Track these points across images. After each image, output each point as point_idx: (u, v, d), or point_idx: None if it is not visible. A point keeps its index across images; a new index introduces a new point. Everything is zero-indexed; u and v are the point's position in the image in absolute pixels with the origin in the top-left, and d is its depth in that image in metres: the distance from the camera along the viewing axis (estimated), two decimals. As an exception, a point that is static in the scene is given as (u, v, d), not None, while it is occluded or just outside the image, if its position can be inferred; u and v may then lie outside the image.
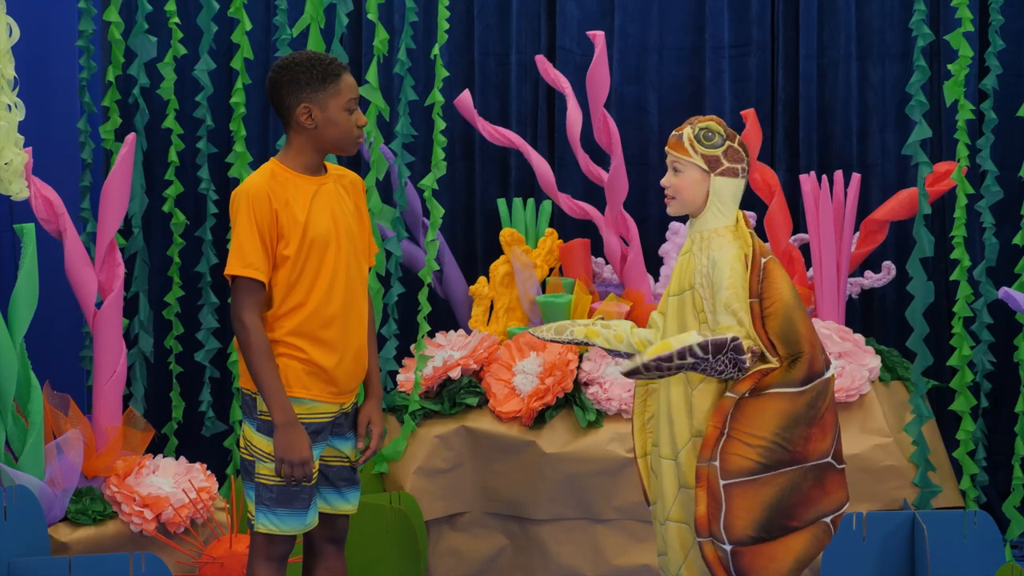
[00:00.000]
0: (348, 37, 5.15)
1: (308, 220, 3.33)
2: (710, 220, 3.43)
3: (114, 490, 4.09)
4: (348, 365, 3.39)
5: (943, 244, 4.85)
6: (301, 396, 3.33)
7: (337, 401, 3.40)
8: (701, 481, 3.29)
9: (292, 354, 3.34)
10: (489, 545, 4.49)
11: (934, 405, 4.83)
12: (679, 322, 3.42)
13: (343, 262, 3.37)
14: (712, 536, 3.28)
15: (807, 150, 5.22)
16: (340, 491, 3.48)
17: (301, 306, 3.34)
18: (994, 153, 4.54)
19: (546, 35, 5.33)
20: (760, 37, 5.27)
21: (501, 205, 4.99)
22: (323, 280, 3.35)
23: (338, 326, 3.37)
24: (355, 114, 3.39)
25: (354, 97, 3.38)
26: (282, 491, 3.34)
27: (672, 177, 3.47)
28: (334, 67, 3.37)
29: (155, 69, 4.80)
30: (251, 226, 3.30)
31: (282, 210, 3.31)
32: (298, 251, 3.32)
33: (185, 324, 4.92)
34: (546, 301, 4.63)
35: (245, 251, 3.29)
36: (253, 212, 3.30)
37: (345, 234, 3.39)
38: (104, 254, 4.22)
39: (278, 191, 3.32)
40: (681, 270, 3.45)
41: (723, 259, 3.34)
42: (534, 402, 4.37)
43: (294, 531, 3.37)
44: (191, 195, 5.03)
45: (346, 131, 3.38)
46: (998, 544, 4.14)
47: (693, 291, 3.39)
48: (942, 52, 5.04)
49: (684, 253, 3.46)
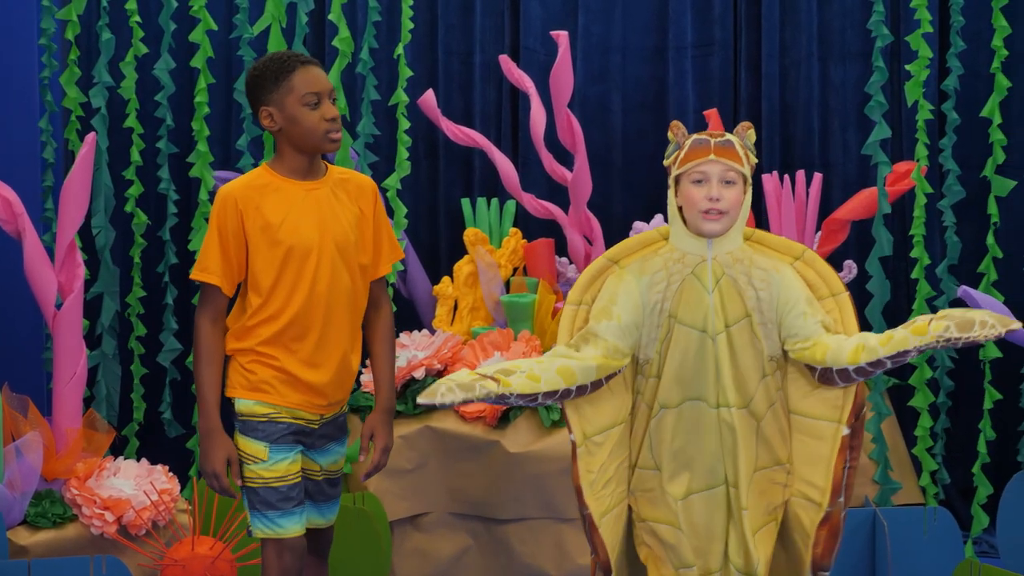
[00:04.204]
0: (311, 36, 5.14)
1: (283, 227, 3.21)
2: (736, 237, 3.11)
3: (74, 492, 4.06)
4: (331, 377, 3.28)
5: (904, 243, 4.88)
6: (277, 403, 3.25)
7: (320, 412, 3.31)
8: (826, 524, 3.07)
9: (266, 362, 3.24)
10: (453, 545, 4.49)
11: (894, 403, 4.86)
12: (742, 357, 3.07)
13: (326, 272, 3.23)
14: (820, 569, 3.10)
15: (769, 150, 5.25)
16: (317, 505, 3.38)
17: (276, 317, 3.23)
18: (955, 153, 4.57)
19: (510, 35, 5.34)
20: (723, 37, 5.29)
21: (465, 205, 4.99)
22: (301, 291, 3.23)
23: (314, 338, 3.25)
24: (321, 108, 3.22)
25: (314, 91, 3.21)
26: (268, 491, 3.24)
27: (725, 189, 3.05)
28: (288, 63, 3.23)
29: (117, 68, 4.77)
30: (214, 230, 3.23)
31: (251, 215, 3.21)
32: (269, 259, 3.21)
33: (147, 325, 4.89)
34: (510, 301, 4.63)
35: (205, 254, 3.23)
36: (217, 216, 3.23)
37: (333, 243, 3.24)
38: (64, 255, 4.20)
39: (251, 196, 3.22)
40: (723, 302, 3.06)
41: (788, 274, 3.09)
42: (498, 402, 4.37)
43: (292, 532, 3.25)
44: (152, 195, 5.01)
45: (310, 128, 3.22)
46: (957, 540, 4.17)
47: (750, 319, 3.07)
48: (902, 53, 5.07)
49: (716, 283, 3.08)
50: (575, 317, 3.18)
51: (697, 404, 3.09)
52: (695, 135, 3.11)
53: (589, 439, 3.16)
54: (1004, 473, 4.72)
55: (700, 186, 3.05)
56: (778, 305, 3.07)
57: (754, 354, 3.08)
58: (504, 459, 4.37)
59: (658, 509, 3.16)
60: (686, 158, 3.08)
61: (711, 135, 3.08)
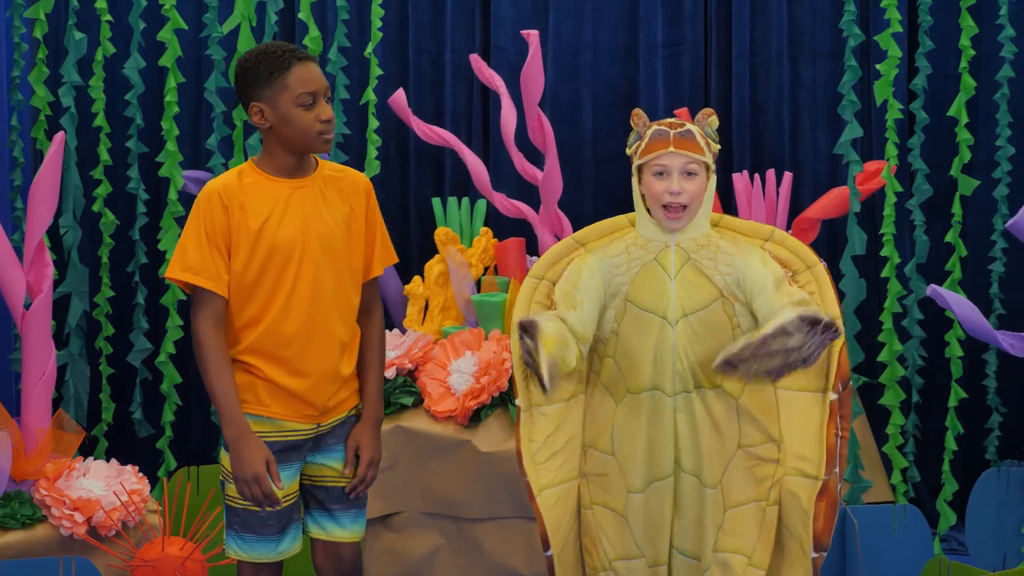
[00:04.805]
0: (280, 35, 5.12)
1: (264, 227, 3.06)
2: (703, 224, 3.10)
3: (44, 493, 4.04)
4: (319, 385, 3.12)
5: (873, 241, 4.90)
6: (261, 414, 3.11)
7: (312, 421, 3.16)
8: (824, 494, 3.01)
9: (249, 370, 3.10)
10: (425, 545, 4.48)
11: (865, 401, 4.88)
12: (710, 341, 3.05)
13: (308, 275, 3.09)
14: (821, 549, 3.05)
15: (740, 149, 5.27)
16: (332, 514, 3.23)
17: (255, 323, 3.09)
18: (924, 152, 4.59)
19: (480, 34, 5.34)
20: (693, 36, 5.30)
21: (436, 204, 4.98)
22: (280, 295, 3.07)
23: (299, 345, 3.10)
24: (315, 108, 3.07)
25: (309, 90, 3.06)
26: (248, 515, 3.12)
27: (686, 182, 3.04)
28: (283, 59, 3.06)
29: (85, 67, 4.75)
30: (198, 228, 3.06)
31: (235, 213, 3.05)
32: (249, 260, 3.06)
33: (115, 325, 4.87)
34: (481, 300, 4.63)
35: (187, 253, 3.06)
36: (202, 213, 3.06)
37: (318, 244, 3.10)
38: (33, 254, 4.17)
39: (235, 193, 3.07)
40: (687, 288, 3.06)
41: (754, 259, 3.07)
42: (469, 401, 4.37)
43: (265, 559, 3.14)
44: (122, 195, 4.99)
45: (303, 129, 3.07)
46: (927, 538, 4.19)
47: (723, 300, 3.06)
48: (872, 52, 5.10)
49: (679, 270, 3.06)
50: (535, 291, 3.20)
51: (655, 394, 3.09)
52: (656, 125, 3.11)
53: (535, 407, 3.17)
54: (973, 471, 4.75)
55: (661, 179, 3.06)
56: (745, 290, 3.07)
57: (728, 334, 3.06)
58: (475, 458, 4.37)
59: (609, 495, 3.16)
60: (647, 149, 3.09)
61: (671, 125, 3.08)
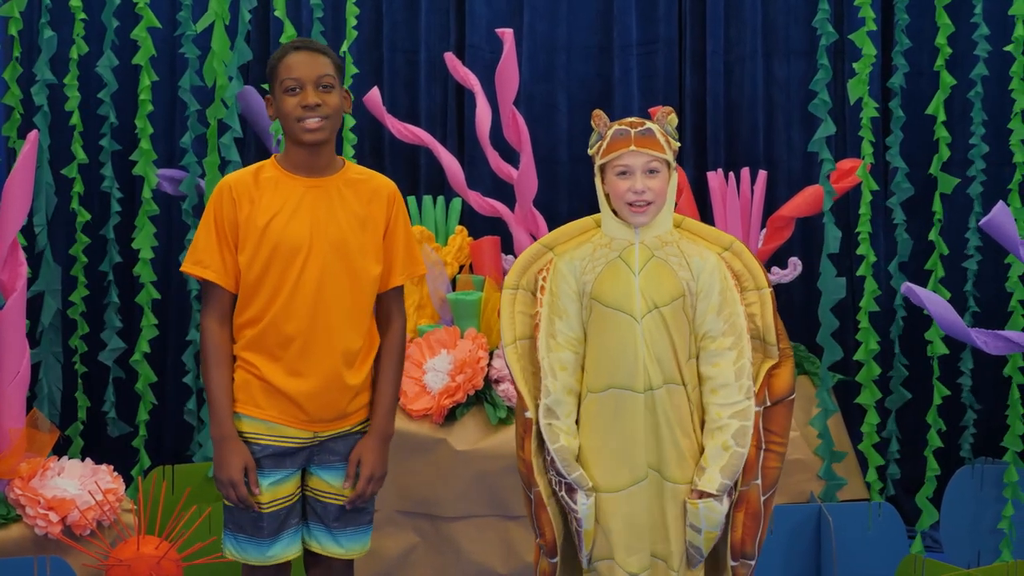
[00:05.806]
0: (254, 34, 5.12)
1: (272, 223, 3.03)
2: (666, 221, 3.11)
3: (18, 493, 4.02)
4: (317, 392, 3.07)
5: (848, 240, 4.91)
6: (254, 415, 3.08)
7: (308, 429, 3.10)
8: (742, 504, 3.05)
9: (248, 369, 3.08)
10: (401, 543, 4.48)
11: (842, 400, 4.89)
12: (676, 336, 3.06)
13: (314, 274, 3.04)
14: (743, 557, 3.09)
15: (714, 147, 5.28)
16: (331, 531, 3.17)
17: (257, 320, 3.05)
18: (900, 150, 4.60)
19: (455, 32, 5.34)
20: (667, 35, 5.32)
21: (411, 203, 4.98)
22: (283, 292, 3.03)
23: (299, 347, 3.04)
24: (298, 94, 3.03)
25: (293, 76, 3.02)
26: (241, 515, 3.10)
27: (649, 180, 3.05)
28: (281, 51, 3.07)
29: (59, 65, 4.73)
30: (208, 221, 3.06)
31: (244, 207, 3.04)
32: (254, 256, 3.03)
33: (89, 324, 4.85)
34: (456, 299, 4.63)
35: (198, 246, 3.07)
36: (212, 207, 3.06)
37: (327, 244, 3.05)
38: (6, 253, 4.15)
39: (246, 188, 3.05)
40: (652, 284, 3.06)
41: (710, 265, 3.08)
42: (445, 400, 4.37)
43: (255, 561, 3.11)
44: (95, 193, 4.97)
45: (285, 115, 3.04)
46: (902, 535, 4.21)
47: (684, 299, 3.06)
48: (846, 50, 5.11)
49: (643, 266, 3.07)
50: (513, 301, 3.20)
51: (622, 393, 3.07)
52: (616, 125, 3.11)
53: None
54: (948, 468, 4.77)
55: (624, 178, 3.07)
56: (696, 289, 3.08)
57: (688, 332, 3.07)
58: (451, 457, 4.37)
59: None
60: (608, 149, 3.09)
61: (632, 125, 3.09)
